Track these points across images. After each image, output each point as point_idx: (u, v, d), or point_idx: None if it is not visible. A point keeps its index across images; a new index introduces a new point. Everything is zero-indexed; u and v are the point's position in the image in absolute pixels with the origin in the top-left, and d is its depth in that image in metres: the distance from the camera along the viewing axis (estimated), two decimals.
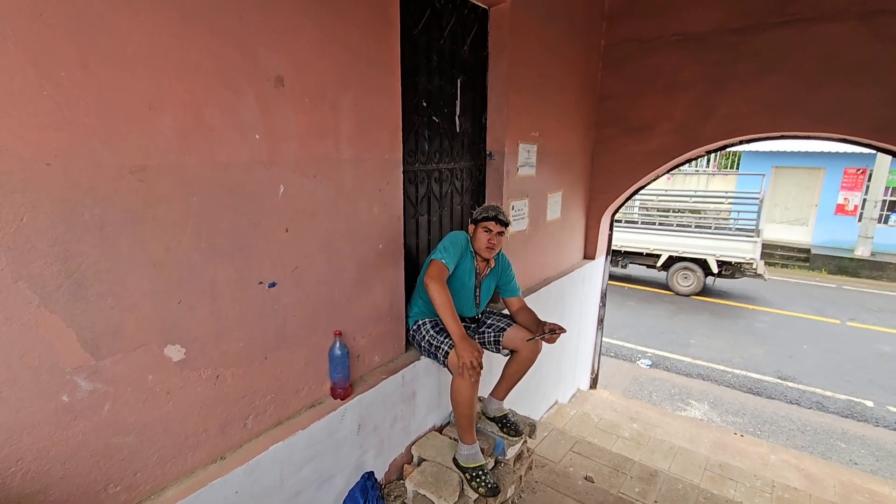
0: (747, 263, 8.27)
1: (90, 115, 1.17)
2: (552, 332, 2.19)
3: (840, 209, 11.91)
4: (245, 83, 1.48)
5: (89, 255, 1.22)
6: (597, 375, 5.26)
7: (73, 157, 1.16)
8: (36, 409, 1.18)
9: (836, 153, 11.48)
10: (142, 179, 1.29)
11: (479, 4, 2.68)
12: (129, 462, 1.38)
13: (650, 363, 6.22)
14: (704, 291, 9.28)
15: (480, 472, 2.15)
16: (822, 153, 11.59)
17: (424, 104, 2.42)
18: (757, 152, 12.54)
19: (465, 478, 2.16)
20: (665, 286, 9.51)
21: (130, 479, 1.39)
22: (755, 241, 8.21)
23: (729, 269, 8.43)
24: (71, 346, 1.21)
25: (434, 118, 2.51)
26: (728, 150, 12.35)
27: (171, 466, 1.47)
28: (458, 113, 2.68)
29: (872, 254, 11.08)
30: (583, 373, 4.99)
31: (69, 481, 1.26)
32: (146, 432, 1.40)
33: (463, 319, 2.29)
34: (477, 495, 2.14)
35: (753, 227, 8.78)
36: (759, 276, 8.50)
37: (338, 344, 1.87)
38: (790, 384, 5.75)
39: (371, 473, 2.04)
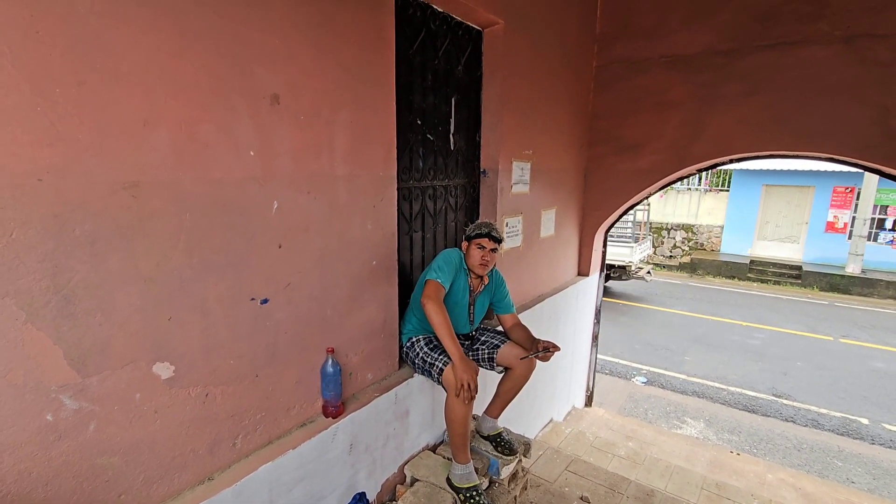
0: (629, 265, 9.77)
1: (84, 131, 1.17)
2: (546, 350, 2.18)
3: (830, 227, 12.06)
4: (240, 101, 1.49)
5: (79, 271, 1.21)
6: (592, 393, 5.22)
7: (65, 172, 1.15)
8: (18, 428, 1.15)
9: (826, 172, 11.68)
10: (134, 195, 1.28)
11: (474, 26, 2.74)
12: (114, 483, 1.34)
13: (645, 380, 6.19)
14: (698, 309, 9.32)
15: (474, 493, 2.11)
16: (811, 172, 11.79)
17: (419, 122, 2.45)
18: (748, 171, 12.72)
19: (459, 499, 2.12)
20: (661, 304, 9.55)
21: (114, 502, 1.35)
22: (632, 248, 9.74)
23: (616, 271, 9.87)
24: (57, 363, 1.19)
25: (428, 136, 2.53)
26: (719, 168, 12.56)
27: (157, 488, 1.44)
28: (452, 131, 2.71)
29: (863, 271, 11.20)
30: (578, 390, 4.96)
31: None
32: (132, 453, 1.37)
33: (457, 336, 2.28)
34: None
35: (631, 236, 10.30)
36: (642, 278, 10.08)
37: (330, 361, 1.85)
38: (785, 401, 5.74)
39: (363, 494, 2.00)
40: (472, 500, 2.09)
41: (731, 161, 3.88)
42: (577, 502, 2.63)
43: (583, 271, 4.64)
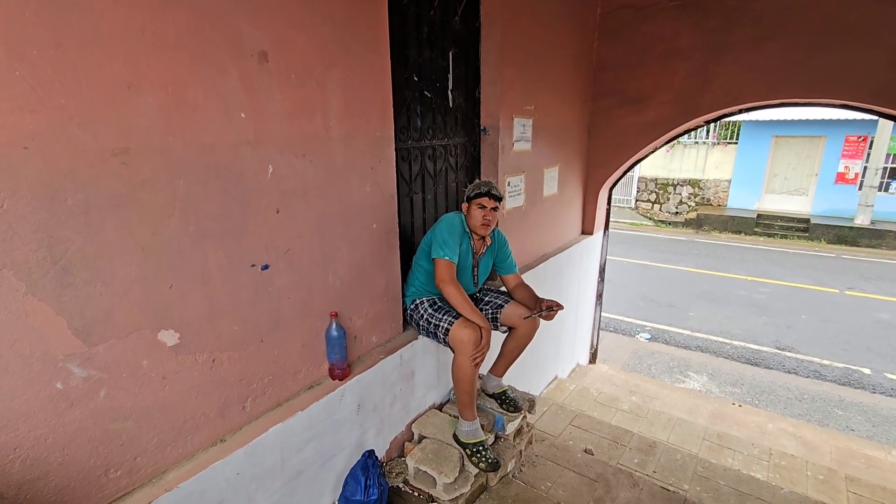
0: None
1: (66, 96, 1.13)
2: (549, 308, 2.19)
3: (840, 178, 11.82)
4: (228, 60, 1.43)
5: (74, 241, 1.19)
6: (596, 350, 5.29)
7: (50, 140, 1.12)
8: (30, 396, 1.17)
9: (838, 121, 11.34)
10: (124, 162, 1.25)
11: None
12: (129, 447, 1.38)
13: (649, 337, 6.26)
14: (704, 265, 9.31)
15: (481, 448, 2.17)
16: (823, 121, 11.45)
17: (415, 78, 2.36)
18: (756, 121, 12.37)
19: (466, 453, 2.18)
20: (666, 261, 9.53)
21: (131, 464, 1.39)
22: None
23: None
24: (61, 333, 1.20)
25: (426, 93, 2.45)
26: (727, 119, 12.19)
27: (171, 450, 1.48)
28: (450, 87, 2.62)
29: (872, 222, 11.05)
30: (582, 348, 5.03)
31: (69, 467, 1.27)
32: (144, 417, 1.40)
33: None
34: (477, 470, 2.17)
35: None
36: None
37: (334, 325, 1.86)
38: (788, 354, 5.80)
39: (372, 451, 2.06)
40: (478, 455, 2.16)
41: (741, 111, 3.75)
42: (582, 454, 2.71)
43: (587, 230, 4.61)
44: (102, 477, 1.34)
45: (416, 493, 2.17)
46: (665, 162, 14.53)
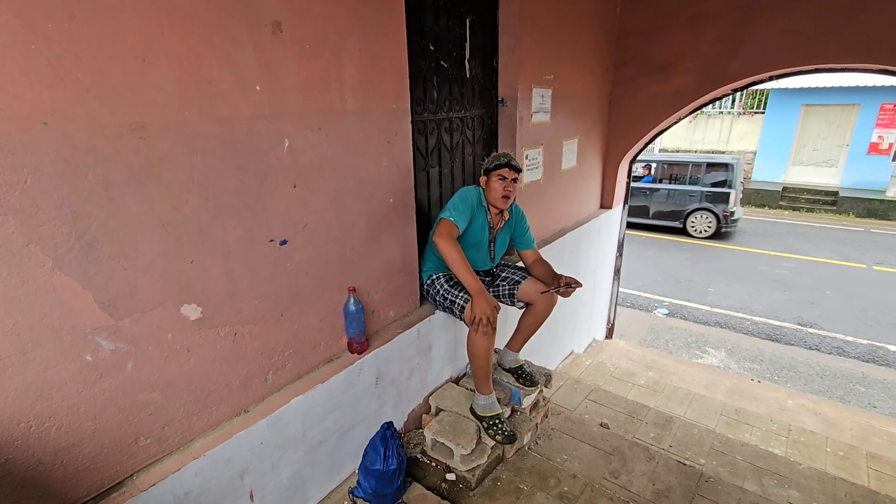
0: None
1: (82, 69, 1.12)
2: (567, 285, 2.16)
3: (873, 148, 11.32)
4: (242, 30, 1.40)
5: (97, 217, 1.21)
6: (613, 325, 5.27)
7: (69, 115, 1.12)
8: (61, 368, 1.21)
9: (873, 87, 10.80)
10: (142, 137, 1.25)
11: None
12: (157, 416, 1.43)
13: (667, 312, 6.20)
14: (725, 240, 9.11)
15: (497, 421, 2.20)
16: (857, 88, 10.92)
17: (432, 47, 2.30)
18: (786, 90, 11.85)
19: (483, 426, 2.21)
20: (686, 236, 9.37)
21: (159, 433, 1.44)
22: None
23: None
24: (89, 307, 1.23)
25: (442, 63, 2.38)
26: (755, 88, 11.65)
27: (197, 420, 1.53)
28: (467, 56, 2.55)
29: None
30: (598, 323, 5.01)
31: (101, 435, 1.31)
32: (170, 388, 1.44)
33: (478, 273, 2.27)
34: (494, 442, 2.20)
35: None
36: None
37: (352, 300, 1.87)
38: (810, 330, 5.70)
39: (390, 423, 2.09)
40: (494, 427, 2.18)
41: (771, 78, 3.58)
42: (597, 428, 2.73)
43: (606, 203, 4.52)
44: (133, 445, 1.39)
45: (433, 464, 2.21)
46: (687, 133, 14.10)
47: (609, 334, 5.27)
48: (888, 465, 3.05)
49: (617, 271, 5.07)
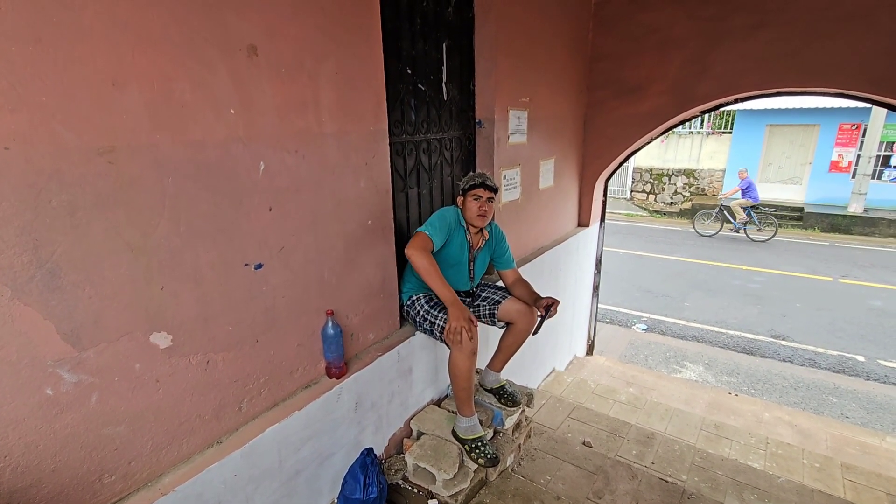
0: None
1: (48, 93, 1.09)
2: (549, 307, 2.18)
3: (834, 166, 11.85)
4: (216, 54, 1.39)
5: (61, 243, 1.16)
6: (593, 342, 5.30)
7: (33, 139, 1.08)
8: (19, 403, 1.14)
9: (832, 109, 11.35)
10: (111, 161, 1.22)
11: None
12: (123, 451, 1.36)
13: (646, 327, 6.28)
14: (699, 255, 9.34)
15: (480, 444, 2.16)
16: (816, 109, 11.46)
17: (409, 71, 2.32)
18: (751, 111, 12.37)
19: (465, 449, 2.17)
20: (662, 251, 9.55)
21: (125, 468, 1.37)
22: None
23: None
24: (50, 338, 1.17)
25: (420, 86, 2.41)
26: (722, 109, 12.16)
27: (166, 453, 1.46)
28: (444, 80, 2.58)
29: (865, 210, 11.11)
30: (579, 340, 5.03)
31: (62, 473, 1.24)
32: (138, 421, 1.38)
33: (458, 293, 2.26)
34: (476, 466, 2.16)
35: None
36: None
37: (330, 323, 1.84)
38: (783, 342, 5.84)
39: (370, 449, 2.04)
40: (477, 451, 2.15)
41: (736, 101, 3.74)
42: (580, 447, 2.71)
43: (583, 222, 4.59)
44: (96, 482, 1.31)
45: (415, 490, 2.16)
46: (660, 152, 14.52)
47: (590, 350, 5.30)
48: (862, 476, 3.11)
49: (596, 288, 5.12)
